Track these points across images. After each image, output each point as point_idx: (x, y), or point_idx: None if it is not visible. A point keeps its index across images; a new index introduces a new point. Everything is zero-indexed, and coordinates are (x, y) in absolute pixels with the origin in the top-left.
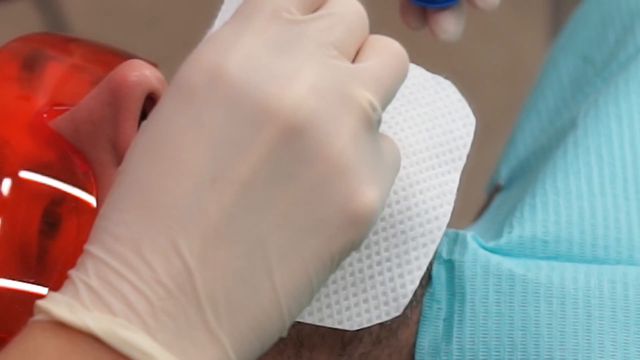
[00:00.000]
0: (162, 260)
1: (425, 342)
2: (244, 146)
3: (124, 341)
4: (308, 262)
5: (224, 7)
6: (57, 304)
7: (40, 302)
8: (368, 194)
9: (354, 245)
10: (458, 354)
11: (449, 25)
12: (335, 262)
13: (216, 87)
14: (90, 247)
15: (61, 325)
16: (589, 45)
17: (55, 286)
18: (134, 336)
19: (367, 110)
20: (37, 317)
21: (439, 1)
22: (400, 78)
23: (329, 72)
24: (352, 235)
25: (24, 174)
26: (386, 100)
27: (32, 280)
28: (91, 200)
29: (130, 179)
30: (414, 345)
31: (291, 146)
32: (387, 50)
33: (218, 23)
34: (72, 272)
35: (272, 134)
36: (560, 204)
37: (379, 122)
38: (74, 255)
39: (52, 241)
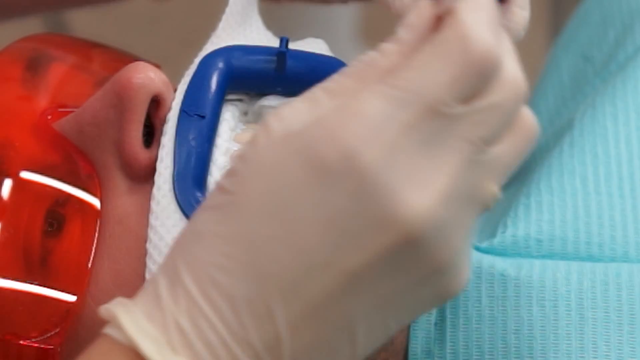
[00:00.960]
0: (256, 322)
1: (417, 346)
2: (364, 243)
3: None
4: (391, 332)
5: (228, 10)
6: (145, 338)
7: (129, 330)
8: (464, 277)
9: None
10: (452, 357)
11: None
12: None
13: (351, 173)
14: (184, 273)
15: None
16: (590, 44)
17: (58, 286)
18: None
19: (489, 204)
20: (118, 338)
21: None
22: (525, 155)
23: (467, 171)
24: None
25: (28, 175)
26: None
27: (36, 282)
28: (95, 202)
29: (242, 228)
30: (407, 349)
31: (408, 251)
32: (526, 129)
33: (222, 25)
34: (165, 301)
35: (393, 239)
36: (555, 203)
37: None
38: (77, 257)
39: (55, 243)
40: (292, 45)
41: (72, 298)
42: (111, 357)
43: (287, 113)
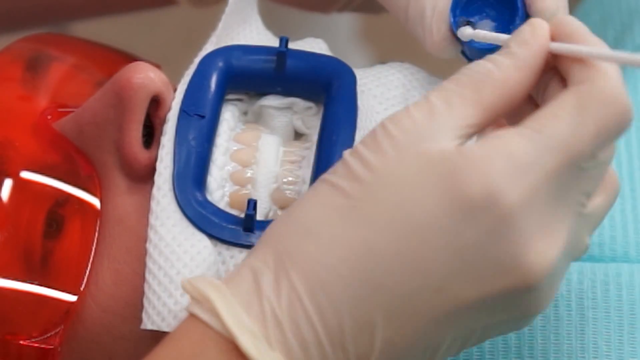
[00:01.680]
0: (355, 330)
1: None
2: (483, 279)
3: None
4: (463, 350)
5: (227, 10)
6: (242, 331)
7: (224, 316)
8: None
9: None
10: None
11: None
12: None
13: (492, 210)
14: (292, 270)
15: (241, 355)
16: None
17: (59, 286)
18: None
19: (582, 254)
20: (213, 324)
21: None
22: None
23: (577, 227)
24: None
25: (28, 176)
26: None
27: (36, 282)
28: (95, 202)
29: (364, 236)
30: None
31: (520, 296)
32: (614, 188)
33: (222, 25)
34: (266, 290)
35: (514, 283)
36: None
37: None
38: (77, 257)
39: (55, 243)
40: (292, 45)
41: (72, 298)
42: (204, 348)
43: (408, 123)
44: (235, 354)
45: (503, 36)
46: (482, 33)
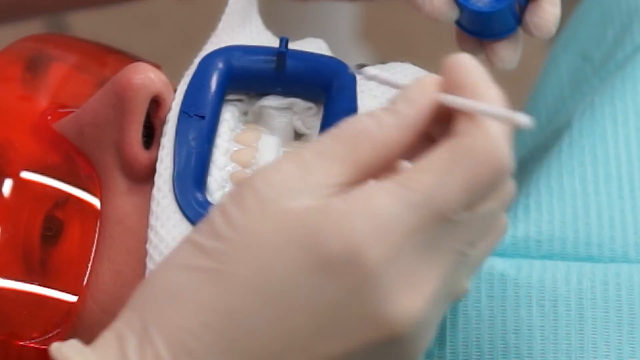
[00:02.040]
0: None
1: None
2: (348, 334)
3: None
4: None
5: (227, 10)
6: None
7: None
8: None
9: None
10: (452, 358)
11: (507, 53)
12: None
13: (353, 269)
14: (156, 336)
15: None
16: (589, 43)
17: (59, 287)
18: None
19: (459, 299)
20: None
21: (495, 34)
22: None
23: (453, 273)
24: None
25: (27, 176)
26: None
27: (36, 283)
28: (95, 202)
29: (226, 301)
30: None
31: (388, 347)
32: (500, 229)
33: (222, 25)
34: (123, 345)
35: (379, 335)
36: (554, 203)
37: None
38: (78, 257)
39: (55, 244)
40: (292, 45)
41: (72, 298)
42: None
43: (276, 178)
44: None
45: (400, 82)
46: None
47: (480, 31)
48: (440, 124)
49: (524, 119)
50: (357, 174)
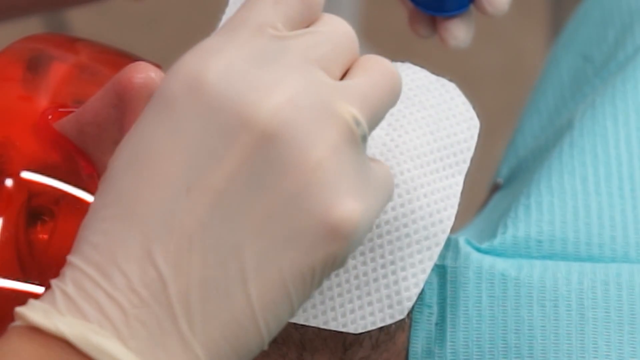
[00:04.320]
0: (136, 268)
1: (418, 346)
2: (219, 155)
3: (95, 347)
4: (286, 274)
5: (228, 10)
6: (33, 310)
7: (18, 309)
8: (348, 206)
9: (336, 259)
10: (452, 357)
11: (459, 31)
12: (316, 276)
13: (195, 96)
14: (71, 256)
15: (36, 331)
16: (589, 44)
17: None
18: (106, 342)
19: (350, 124)
20: (16, 322)
21: (448, 9)
22: (390, 97)
23: (312, 85)
24: (333, 248)
25: (28, 175)
26: (374, 119)
27: (36, 282)
28: None
29: (110, 187)
30: (407, 349)
31: (266, 154)
32: (378, 69)
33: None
34: (53, 281)
35: (246, 142)
36: (555, 203)
37: (364, 138)
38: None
39: (50, 241)
40: None
41: None
42: (8, 340)
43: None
44: (30, 331)
45: None
46: None
47: (434, 6)
48: None
49: None
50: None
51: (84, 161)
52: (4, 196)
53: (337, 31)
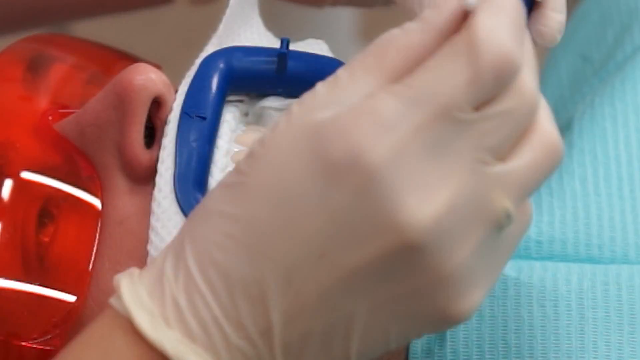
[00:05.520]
0: (249, 305)
1: (417, 345)
2: (361, 241)
3: None
4: (391, 338)
5: (228, 11)
6: (140, 308)
7: (126, 298)
8: (471, 301)
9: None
10: (452, 357)
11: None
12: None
13: (356, 170)
14: (188, 250)
15: (141, 336)
16: (588, 44)
17: (59, 287)
18: None
19: (501, 220)
20: (118, 307)
21: None
22: (548, 175)
23: (474, 181)
24: (444, 329)
25: (28, 176)
26: (526, 198)
27: (37, 283)
28: (96, 203)
29: (247, 209)
30: (408, 348)
31: (407, 257)
32: (544, 146)
33: (223, 26)
34: (163, 263)
35: (393, 242)
36: (554, 204)
37: (509, 225)
38: (78, 257)
39: (52, 243)
40: (293, 47)
41: (72, 299)
42: (111, 331)
43: (308, 97)
44: (138, 335)
45: None
46: None
47: None
48: None
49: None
50: (388, 82)
51: (84, 162)
52: (6, 198)
53: (521, 109)
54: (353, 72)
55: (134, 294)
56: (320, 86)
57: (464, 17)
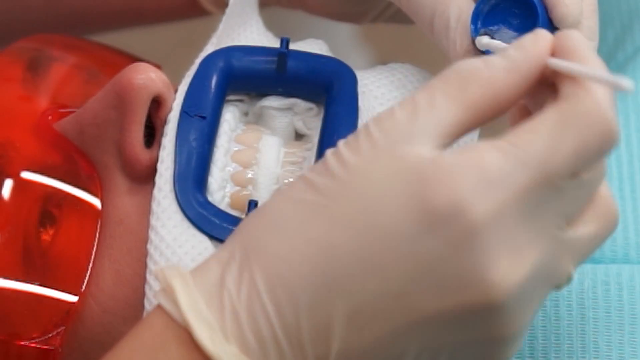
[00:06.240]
0: (313, 329)
1: None
2: (445, 291)
3: None
4: None
5: (228, 11)
6: (199, 319)
7: (184, 307)
8: (517, 348)
9: None
10: None
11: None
12: None
13: (457, 224)
14: (255, 264)
15: (197, 348)
16: None
17: (59, 286)
18: None
19: (562, 283)
20: (173, 313)
21: None
22: (605, 241)
23: (551, 248)
24: None
25: (28, 176)
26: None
27: (37, 282)
28: (95, 202)
29: (328, 236)
30: None
31: (485, 314)
32: (606, 216)
33: (223, 26)
34: (224, 272)
35: (474, 299)
36: None
37: (568, 284)
38: (78, 257)
39: (51, 242)
40: (293, 46)
41: (72, 298)
42: (165, 339)
43: (386, 120)
44: (193, 346)
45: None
46: (495, 42)
47: None
48: (541, 93)
49: (627, 83)
50: (468, 115)
51: (83, 162)
52: (6, 197)
53: (598, 180)
54: (432, 97)
55: (192, 301)
56: (398, 110)
57: (543, 76)
